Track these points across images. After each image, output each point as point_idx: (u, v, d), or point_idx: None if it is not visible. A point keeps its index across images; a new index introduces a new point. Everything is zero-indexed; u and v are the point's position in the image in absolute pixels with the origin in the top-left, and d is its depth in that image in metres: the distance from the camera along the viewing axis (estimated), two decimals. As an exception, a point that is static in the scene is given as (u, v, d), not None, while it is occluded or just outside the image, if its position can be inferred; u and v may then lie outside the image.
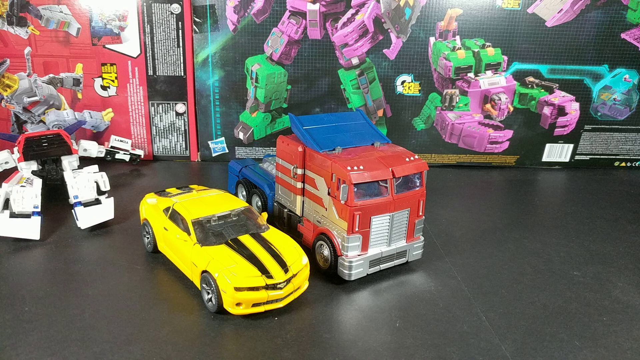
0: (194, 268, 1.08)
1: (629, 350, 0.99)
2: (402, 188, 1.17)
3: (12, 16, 1.76)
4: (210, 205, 1.19)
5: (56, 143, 1.57)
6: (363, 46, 1.81)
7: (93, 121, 1.89)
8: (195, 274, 1.08)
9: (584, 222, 1.56)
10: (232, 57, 1.82)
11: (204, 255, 1.06)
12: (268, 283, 1.01)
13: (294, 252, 1.10)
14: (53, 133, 1.59)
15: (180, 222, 1.15)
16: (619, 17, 1.81)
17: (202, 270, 1.05)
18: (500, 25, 1.81)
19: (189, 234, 1.11)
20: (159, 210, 1.23)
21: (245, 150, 1.96)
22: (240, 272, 1.01)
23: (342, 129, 1.27)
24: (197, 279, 1.08)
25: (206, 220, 1.14)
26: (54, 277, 1.16)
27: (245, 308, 1.01)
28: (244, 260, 1.04)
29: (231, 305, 1.01)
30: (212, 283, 1.02)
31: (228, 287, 1.00)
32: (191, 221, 1.13)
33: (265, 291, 1.01)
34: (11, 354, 0.92)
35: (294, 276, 1.05)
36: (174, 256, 1.18)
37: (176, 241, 1.14)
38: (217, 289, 1.01)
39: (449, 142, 1.96)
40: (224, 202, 1.21)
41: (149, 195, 1.32)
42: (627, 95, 1.94)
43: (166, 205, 1.22)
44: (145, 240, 1.28)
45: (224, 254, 1.06)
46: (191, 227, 1.12)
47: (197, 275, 1.07)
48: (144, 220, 1.27)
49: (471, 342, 0.99)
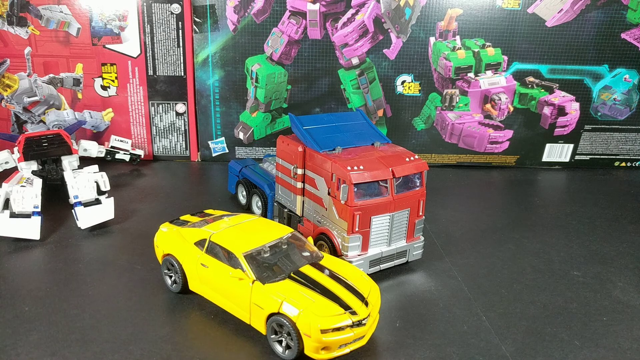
0: (258, 311, 0.93)
1: (629, 350, 0.99)
2: (402, 188, 1.17)
3: (12, 16, 1.76)
4: (253, 234, 1.04)
5: (56, 143, 1.57)
6: (363, 46, 1.81)
7: (93, 121, 1.89)
8: (258, 317, 0.94)
9: (584, 222, 1.56)
10: (232, 57, 1.82)
11: (271, 295, 0.92)
12: (354, 320, 0.89)
13: (364, 281, 1.00)
14: (53, 133, 1.59)
15: (224, 256, 1.01)
16: (619, 17, 1.81)
17: (270, 313, 0.91)
18: (500, 25, 1.81)
19: (243, 271, 0.97)
20: (189, 244, 1.07)
21: (245, 150, 1.96)
22: (322, 310, 0.88)
23: (342, 129, 1.27)
24: (262, 323, 0.94)
25: (257, 252, 1.00)
26: (54, 277, 1.16)
27: (332, 351, 0.89)
28: (321, 297, 0.91)
29: (316, 350, 0.88)
30: (289, 326, 0.89)
31: (312, 329, 0.86)
32: (243, 255, 0.98)
33: (351, 329, 0.89)
34: (11, 354, 0.92)
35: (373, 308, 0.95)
36: (218, 297, 1.02)
37: (225, 280, 0.99)
38: (297, 333, 0.88)
39: (449, 142, 1.96)
40: (265, 228, 1.07)
41: (164, 226, 1.16)
42: (627, 95, 1.94)
43: (198, 237, 1.07)
44: (168, 280, 1.10)
45: (295, 291, 0.92)
46: (245, 263, 0.97)
47: (262, 319, 0.93)
48: (166, 255, 1.10)
49: (471, 342, 0.99)
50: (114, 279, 1.16)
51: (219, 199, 1.61)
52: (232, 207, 1.55)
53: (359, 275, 1.01)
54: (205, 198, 1.63)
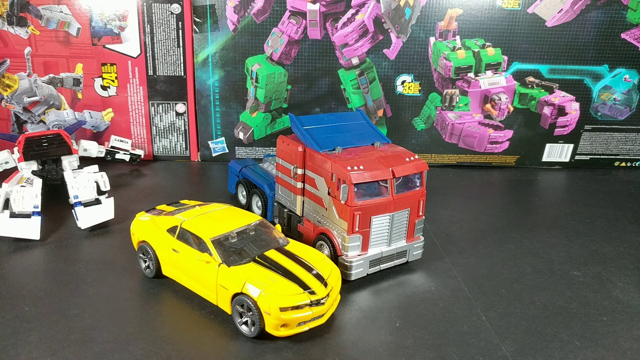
0: (223, 291, 0.99)
1: (629, 350, 1.00)
2: (402, 188, 1.17)
3: (12, 16, 1.76)
4: (222, 221, 1.10)
5: (56, 143, 1.57)
6: (363, 46, 1.81)
7: (93, 121, 1.89)
8: (224, 298, 1.00)
9: (584, 222, 1.56)
10: (232, 57, 1.82)
11: (235, 276, 0.98)
12: (312, 299, 0.95)
13: (326, 263, 1.05)
14: (53, 133, 1.59)
15: (194, 242, 1.07)
16: (619, 17, 1.81)
17: (234, 293, 0.97)
18: (500, 25, 1.81)
19: (210, 255, 1.03)
20: (162, 231, 1.13)
21: (245, 150, 1.96)
22: (282, 290, 0.94)
23: (342, 129, 1.27)
24: (227, 303, 1.00)
25: (225, 238, 1.05)
26: (54, 277, 1.16)
27: (290, 329, 0.95)
28: (282, 278, 0.98)
29: (275, 327, 0.94)
30: (251, 305, 0.95)
31: (272, 307, 0.92)
32: (210, 240, 1.04)
33: (310, 308, 0.95)
34: (11, 354, 0.92)
35: (332, 289, 1.01)
36: (188, 280, 1.08)
37: (193, 263, 1.05)
38: (258, 312, 0.94)
39: (449, 142, 1.96)
40: (235, 216, 1.13)
41: (140, 215, 1.22)
42: (627, 95, 1.94)
43: (170, 224, 1.12)
44: (143, 265, 1.17)
45: (258, 272, 0.98)
46: (212, 247, 1.03)
47: (227, 299, 0.99)
48: (141, 242, 1.16)
49: (471, 342, 0.99)
50: (114, 279, 1.16)
51: (219, 199, 1.61)
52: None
53: (321, 259, 1.07)
54: (205, 198, 1.63)
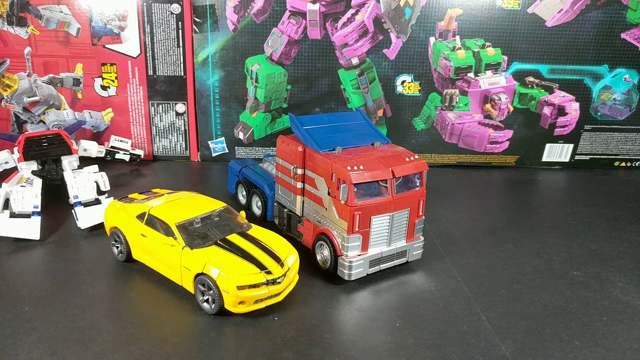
0: (186, 272, 1.06)
1: (629, 350, 1.00)
2: (402, 188, 1.17)
3: (12, 16, 1.76)
4: (188, 208, 1.17)
5: (56, 143, 1.57)
6: (363, 46, 1.81)
7: (93, 121, 1.89)
8: (187, 278, 1.07)
9: (584, 222, 1.56)
10: (232, 57, 1.82)
11: (197, 258, 1.04)
12: (268, 279, 1.02)
13: (284, 246, 1.12)
14: (53, 133, 1.59)
15: (161, 227, 1.13)
16: (619, 17, 1.81)
17: (196, 274, 1.04)
18: (500, 25, 1.81)
19: (175, 239, 1.09)
20: (132, 217, 1.19)
21: (245, 150, 1.96)
22: (239, 270, 1.02)
23: (342, 129, 1.27)
24: (190, 283, 1.06)
25: (189, 223, 1.12)
26: (54, 277, 1.16)
27: (247, 306, 1.02)
28: (240, 259, 1.05)
29: (233, 304, 1.01)
30: (211, 284, 1.01)
31: (230, 286, 0.99)
32: (175, 225, 1.10)
33: (266, 287, 1.02)
34: (11, 354, 0.92)
35: (288, 269, 1.08)
36: (155, 263, 1.15)
37: (160, 247, 1.11)
38: (217, 290, 1.01)
39: (449, 142, 1.96)
40: (201, 203, 1.20)
41: (113, 203, 1.27)
42: (627, 95, 1.94)
43: (139, 211, 1.19)
44: (115, 250, 1.23)
45: (218, 254, 1.05)
46: (176, 231, 1.09)
47: (190, 279, 1.06)
48: (113, 228, 1.23)
49: (471, 342, 0.99)
50: (114, 279, 1.16)
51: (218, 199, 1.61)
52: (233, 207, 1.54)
53: (280, 242, 1.14)
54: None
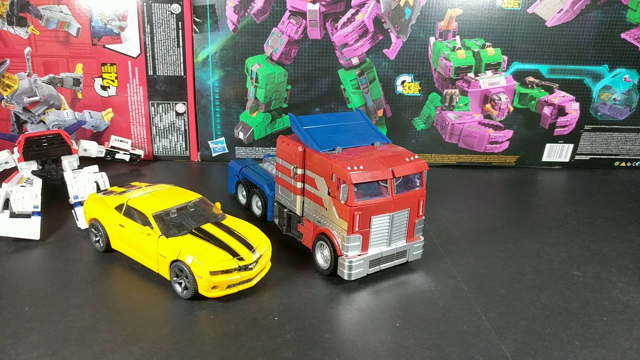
0: (162, 259, 1.11)
1: (629, 350, 1.00)
2: (402, 188, 1.17)
3: (12, 16, 1.76)
4: (164, 199, 1.21)
5: (56, 143, 1.57)
6: (363, 46, 1.81)
7: (93, 121, 1.89)
8: (163, 265, 1.11)
9: (584, 222, 1.56)
10: (232, 57, 1.82)
11: (173, 246, 1.09)
12: (240, 265, 1.07)
13: (257, 235, 1.17)
14: (53, 133, 1.60)
15: (138, 217, 1.17)
16: (619, 17, 1.81)
17: (172, 261, 1.09)
18: (500, 25, 1.81)
19: (151, 228, 1.14)
20: (110, 208, 1.23)
21: (245, 150, 1.96)
22: (212, 257, 1.06)
23: (342, 129, 1.27)
24: (166, 269, 1.11)
25: (165, 213, 1.17)
26: (54, 277, 1.16)
27: (220, 290, 1.07)
28: (213, 247, 1.09)
29: (207, 289, 1.06)
30: (186, 271, 1.06)
31: (203, 272, 1.04)
32: (152, 215, 1.15)
33: (238, 272, 1.07)
34: (11, 354, 0.92)
35: (260, 257, 1.12)
36: (133, 252, 1.19)
37: (137, 236, 1.16)
38: (191, 276, 1.06)
39: (449, 142, 1.97)
40: (177, 194, 1.25)
41: (92, 196, 1.32)
42: (627, 95, 1.94)
43: (117, 202, 1.23)
44: (94, 239, 1.27)
45: (193, 242, 1.10)
46: (153, 221, 1.14)
47: (166, 266, 1.10)
48: (92, 220, 1.27)
49: (471, 342, 0.99)
50: (114, 279, 1.16)
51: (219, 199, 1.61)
52: (232, 207, 1.55)
53: (254, 231, 1.18)
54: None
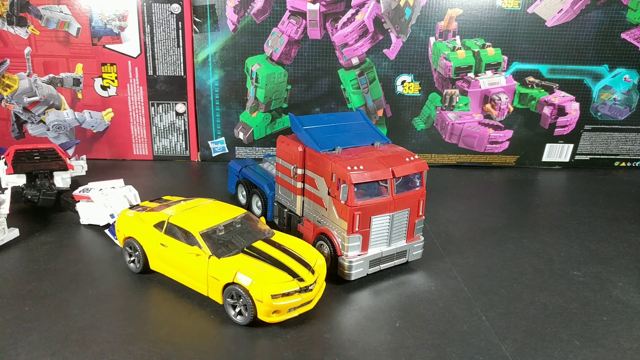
0: (214, 282, 1.02)
1: (629, 350, 1.00)
2: (402, 188, 1.17)
3: (12, 16, 1.76)
4: (208, 215, 1.13)
5: (50, 157, 1.49)
6: (363, 46, 1.81)
7: (93, 121, 1.89)
8: (215, 288, 1.03)
9: (584, 222, 1.56)
10: (232, 57, 1.82)
11: (226, 267, 1.01)
12: (301, 286, 0.99)
13: (312, 253, 1.09)
14: (47, 147, 1.53)
15: (182, 236, 1.09)
16: (619, 17, 1.81)
17: (225, 284, 1.00)
18: (500, 25, 1.81)
19: (199, 248, 1.05)
20: (148, 226, 1.15)
21: (245, 150, 1.96)
22: (272, 278, 0.98)
23: (342, 129, 1.27)
24: (218, 293, 1.03)
25: (212, 231, 1.08)
26: (54, 277, 1.16)
27: (281, 315, 0.99)
28: (271, 267, 1.01)
29: (267, 314, 0.98)
30: (243, 294, 0.98)
31: (264, 295, 0.96)
32: (199, 233, 1.06)
33: (299, 294, 0.99)
34: (11, 354, 0.92)
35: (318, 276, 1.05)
36: (177, 273, 1.10)
37: (183, 257, 1.07)
38: (250, 300, 0.97)
39: (449, 142, 1.97)
40: (220, 210, 1.17)
41: (125, 211, 1.23)
42: (627, 95, 1.94)
43: (157, 219, 1.14)
44: (128, 259, 1.18)
45: (248, 262, 1.02)
46: (201, 240, 1.05)
47: (219, 290, 1.02)
48: (127, 239, 1.18)
49: (471, 342, 0.99)
50: (114, 278, 1.16)
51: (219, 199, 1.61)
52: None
53: (307, 248, 1.11)
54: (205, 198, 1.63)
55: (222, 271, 1.01)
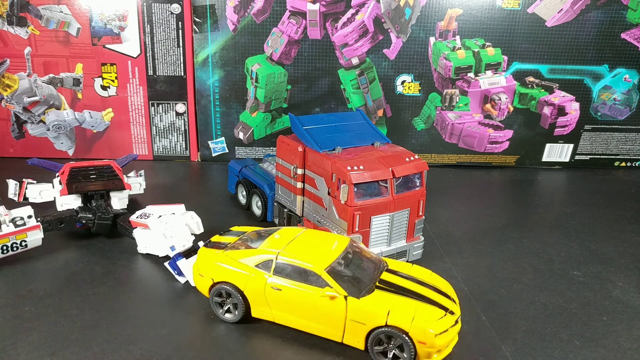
0: (356, 327, 0.89)
1: (629, 350, 0.99)
2: (402, 188, 1.17)
3: (12, 16, 1.76)
4: (318, 247, 0.98)
5: (106, 175, 1.37)
6: (363, 46, 1.81)
7: (93, 121, 1.89)
8: (356, 333, 0.90)
9: (584, 222, 1.56)
10: (232, 57, 1.82)
11: (373, 309, 0.88)
12: (455, 320, 0.90)
13: (439, 279, 1.00)
14: (103, 165, 1.41)
15: (298, 275, 0.94)
16: (619, 17, 1.81)
17: (374, 327, 0.88)
18: (500, 25, 1.81)
19: (330, 288, 0.91)
20: (248, 267, 0.97)
21: (245, 150, 1.96)
22: (429, 316, 0.87)
23: (342, 129, 1.27)
24: (361, 338, 0.90)
25: (335, 267, 0.94)
26: (54, 277, 1.16)
27: (443, 353, 0.89)
28: (419, 302, 0.90)
29: (429, 355, 0.87)
30: (402, 336, 0.86)
31: (427, 336, 0.85)
32: (325, 271, 0.92)
33: (452, 328, 0.89)
34: (11, 354, 0.92)
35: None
36: (296, 319, 0.95)
37: (308, 300, 0.92)
38: (411, 343, 0.86)
39: (449, 142, 1.97)
40: (324, 239, 1.01)
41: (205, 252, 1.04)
42: (627, 95, 1.94)
43: (260, 258, 0.97)
44: (220, 310, 1.01)
45: (393, 300, 0.89)
46: (329, 279, 0.91)
47: (361, 335, 0.89)
48: (218, 284, 0.99)
49: (471, 342, 0.99)
50: (114, 279, 1.16)
51: (219, 199, 1.61)
52: (232, 207, 1.55)
53: (430, 274, 1.00)
54: (205, 198, 1.63)
55: (367, 313, 0.88)
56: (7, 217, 1.17)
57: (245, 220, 1.47)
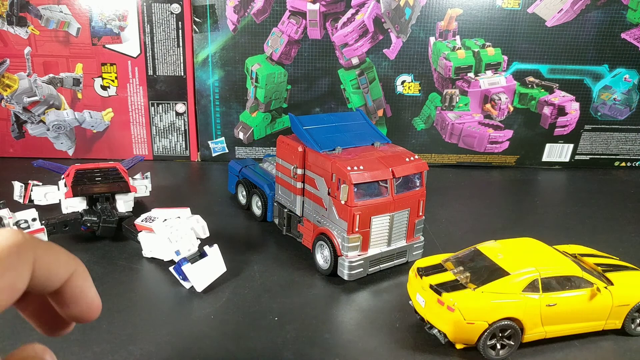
0: (621, 309, 1.01)
1: (628, 351, 1.00)
2: (402, 188, 1.17)
3: (12, 16, 1.75)
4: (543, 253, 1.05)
5: (111, 177, 1.35)
6: (363, 46, 1.81)
7: (93, 121, 1.89)
8: (621, 315, 1.02)
9: (584, 222, 1.56)
10: (232, 57, 1.82)
11: (627, 289, 1.02)
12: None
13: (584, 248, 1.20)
14: (108, 166, 1.39)
15: (560, 285, 0.97)
16: (619, 17, 1.81)
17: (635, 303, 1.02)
18: (500, 25, 1.81)
19: (592, 284, 0.99)
20: (516, 295, 0.95)
21: (245, 150, 1.96)
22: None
23: (342, 129, 1.27)
24: (621, 319, 1.02)
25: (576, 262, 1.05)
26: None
27: None
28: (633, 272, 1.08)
29: None
30: None
31: None
32: (581, 270, 1.00)
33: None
34: (11, 354, 0.92)
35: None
36: (568, 327, 1.00)
37: (580, 304, 0.98)
38: None
39: (449, 142, 1.96)
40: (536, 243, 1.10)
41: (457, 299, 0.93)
42: (627, 95, 1.94)
43: (522, 283, 0.96)
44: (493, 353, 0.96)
45: (625, 276, 1.06)
46: (588, 276, 0.99)
47: (623, 315, 1.02)
48: (495, 323, 0.93)
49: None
50: (114, 279, 1.16)
51: (219, 199, 1.61)
52: (232, 207, 1.55)
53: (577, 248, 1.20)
54: (205, 198, 1.63)
55: (626, 296, 1.02)
56: (11, 220, 1.16)
57: (245, 220, 1.47)
